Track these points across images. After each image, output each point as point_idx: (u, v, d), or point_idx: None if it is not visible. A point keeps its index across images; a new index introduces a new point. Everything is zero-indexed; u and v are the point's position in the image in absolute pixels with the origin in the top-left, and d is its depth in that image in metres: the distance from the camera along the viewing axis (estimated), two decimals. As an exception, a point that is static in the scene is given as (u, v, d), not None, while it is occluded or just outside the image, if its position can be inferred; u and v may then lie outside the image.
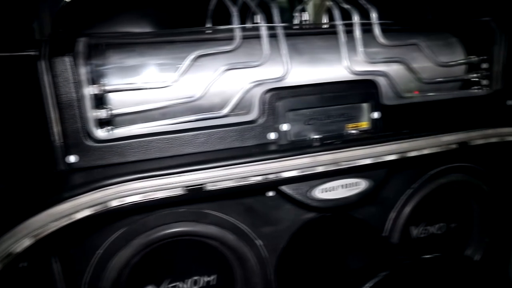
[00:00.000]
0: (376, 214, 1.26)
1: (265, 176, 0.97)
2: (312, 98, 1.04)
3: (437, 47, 1.30)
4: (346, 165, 1.02)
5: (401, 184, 1.27)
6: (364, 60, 1.14)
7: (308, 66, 1.12)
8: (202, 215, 1.08)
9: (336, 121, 1.06)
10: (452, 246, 1.47)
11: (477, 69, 1.30)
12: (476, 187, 1.38)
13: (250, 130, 1.02)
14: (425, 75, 1.24)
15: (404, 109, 1.17)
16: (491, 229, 1.44)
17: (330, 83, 1.07)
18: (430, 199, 1.33)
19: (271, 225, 1.15)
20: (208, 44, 1.07)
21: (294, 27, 1.22)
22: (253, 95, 1.04)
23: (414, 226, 1.39)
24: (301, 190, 1.01)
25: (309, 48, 1.15)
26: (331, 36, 1.16)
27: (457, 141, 1.15)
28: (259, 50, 1.04)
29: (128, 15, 1.33)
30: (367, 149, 1.03)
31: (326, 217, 1.16)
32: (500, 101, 1.28)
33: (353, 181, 1.05)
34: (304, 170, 0.99)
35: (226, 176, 0.94)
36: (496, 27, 1.25)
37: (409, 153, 1.09)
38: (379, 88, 1.12)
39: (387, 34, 1.26)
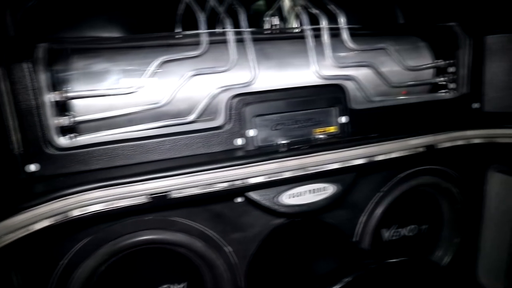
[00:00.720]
0: (346, 218, 1.26)
1: (231, 182, 0.96)
2: (279, 103, 1.04)
3: (406, 51, 1.31)
4: (314, 170, 1.02)
5: (371, 188, 1.27)
6: (332, 65, 1.14)
7: (276, 71, 1.12)
8: (169, 223, 1.06)
9: (303, 126, 1.06)
10: (424, 248, 1.49)
11: (444, 73, 1.32)
12: (445, 189, 1.40)
13: (217, 136, 1.01)
14: (394, 79, 1.25)
15: (373, 113, 1.18)
16: (460, 230, 1.46)
17: (298, 88, 1.07)
18: (400, 202, 1.34)
19: (240, 231, 1.14)
20: (175, 49, 1.05)
21: (263, 32, 1.21)
22: (220, 100, 1.03)
23: (385, 229, 1.39)
24: (268, 196, 1.00)
25: (277, 53, 1.15)
26: (300, 41, 1.16)
27: (425, 144, 1.16)
28: (228, 55, 1.03)
29: (96, 20, 1.31)
30: (335, 153, 1.03)
31: (295, 222, 1.16)
32: (466, 104, 1.30)
33: (320, 186, 1.05)
34: (271, 176, 0.99)
35: (191, 183, 0.93)
36: (461, 32, 1.27)
37: (377, 157, 1.09)
38: (347, 92, 1.12)
39: (357, 38, 1.27)
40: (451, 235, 1.47)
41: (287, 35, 1.21)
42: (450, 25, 1.30)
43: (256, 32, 1.14)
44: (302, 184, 1.03)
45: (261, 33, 1.17)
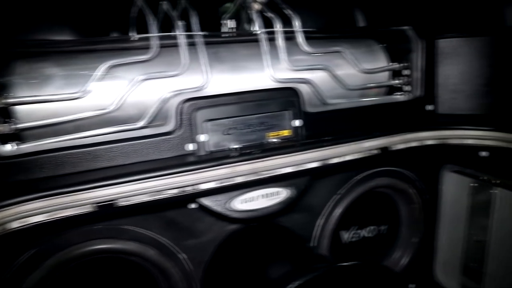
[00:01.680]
0: (303, 222, 1.26)
1: (181, 189, 0.94)
2: (231, 107, 1.03)
3: (362, 54, 1.32)
4: (267, 175, 1.01)
5: (328, 191, 1.28)
6: (287, 68, 1.14)
7: (230, 75, 1.10)
8: (120, 231, 1.03)
9: (256, 130, 1.05)
10: (384, 248, 1.51)
11: (399, 75, 1.33)
12: (402, 190, 1.41)
13: (167, 141, 0.98)
14: (350, 82, 1.25)
15: (329, 116, 1.18)
16: (418, 229, 1.48)
17: (251, 91, 1.06)
18: (358, 203, 1.35)
19: (194, 238, 1.12)
20: (125, 53, 1.03)
21: (216, 35, 1.19)
22: (171, 105, 1.01)
23: (345, 231, 1.40)
24: (220, 202, 0.99)
25: (231, 56, 1.14)
26: (256, 44, 1.15)
27: (379, 146, 1.17)
28: (180, 59, 1.01)
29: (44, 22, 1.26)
30: (288, 157, 1.02)
31: (251, 227, 1.15)
32: (420, 106, 1.32)
33: (274, 191, 1.04)
34: (223, 181, 0.97)
35: (139, 191, 0.90)
36: (414, 35, 1.29)
37: (331, 160, 1.09)
38: (301, 95, 1.11)
39: (313, 41, 1.27)
40: (409, 234, 1.50)
41: (242, 38, 1.20)
42: (404, 29, 1.32)
43: (209, 35, 1.13)
44: (255, 189, 1.02)
45: (215, 36, 1.15)
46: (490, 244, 1.34)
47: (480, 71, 1.30)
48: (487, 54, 1.28)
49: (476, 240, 1.39)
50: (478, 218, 1.38)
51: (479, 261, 1.39)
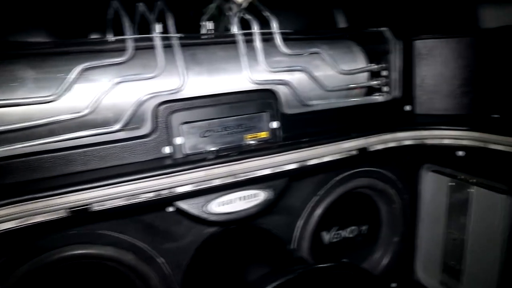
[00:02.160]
0: (283, 223, 1.25)
1: (157, 192, 0.93)
2: (208, 109, 1.02)
3: (341, 55, 1.32)
4: (244, 177, 1.00)
5: (307, 192, 1.28)
6: (265, 70, 1.14)
7: (207, 77, 1.10)
8: (96, 236, 1.01)
9: (234, 132, 1.04)
10: (365, 248, 1.52)
11: (378, 76, 1.34)
12: (381, 190, 1.42)
13: (143, 145, 0.97)
14: (329, 83, 1.26)
15: (307, 117, 1.18)
16: (398, 229, 1.49)
17: (227, 93, 1.05)
18: (339, 204, 1.35)
19: (173, 241, 1.11)
20: (100, 55, 1.01)
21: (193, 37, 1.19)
22: (147, 108, 1.00)
23: (326, 232, 1.41)
24: (197, 205, 0.98)
25: (209, 58, 1.13)
26: (233, 46, 1.14)
27: (357, 147, 1.18)
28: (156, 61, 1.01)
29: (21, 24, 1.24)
30: (266, 159, 1.02)
31: (230, 230, 1.14)
32: (399, 107, 1.33)
33: (251, 193, 1.04)
34: (200, 184, 0.96)
35: (114, 195, 0.89)
36: (391, 37, 1.30)
37: (310, 161, 1.10)
38: (279, 97, 1.11)
39: (292, 43, 1.27)
40: (389, 234, 1.51)
41: (219, 40, 1.20)
42: (381, 30, 1.33)
43: (186, 37, 1.12)
44: (232, 192, 1.02)
45: (192, 38, 1.15)
46: (468, 242, 1.35)
47: (456, 72, 1.32)
48: (463, 55, 1.30)
49: (454, 238, 1.40)
50: (457, 216, 1.39)
51: (458, 258, 1.41)
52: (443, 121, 1.28)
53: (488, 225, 1.27)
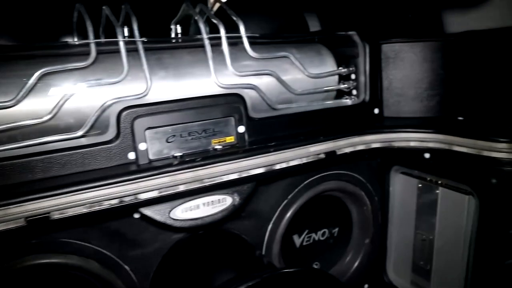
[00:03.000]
0: (253, 228, 1.26)
1: (120, 199, 0.92)
2: (173, 114, 1.02)
3: (310, 59, 1.34)
4: (210, 182, 1.00)
5: (276, 196, 1.28)
6: (232, 74, 1.14)
7: (174, 81, 1.09)
8: (59, 245, 1.00)
9: (199, 137, 1.04)
10: (337, 250, 1.53)
11: (347, 79, 1.36)
12: (351, 193, 1.44)
13: (107, 151, 0.96)
14: (299, 86, 1.27)
15: (276, 121, 1.19)
16: (369, 231, 1.51)
17: (193, 98, 1.05)
18: (309, 207, 1.37)
19: (140, 248, 1.10)
20: (63, 59, 1.00)
21: (161, 41, 1.18)
22: (111, 113, 0.99)
23: (297, 235, 1.42)
24: (162, 211, 0.98)
25: (175, 62, 1.13)
26: (201, 50, 1.14)
27: (325, 150, 1.19)
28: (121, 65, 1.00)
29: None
30: (232, 164, 1.02)
31: (198, 235, 1.14)
32: (368, 110, 1.35)
33: (217, 198, 1.04)
34: (165, 190, 0.96)
35: (75, 203, 0.88)
36: (359, 40, 1.32)
37: (277, 165, 1.10)
38: (246, 101, 1.12)
39: (260, 47, 1.28)
40: (361, 236, 1.53)
41: (186, 44, 1.19)
42: (350, 34, 1.35)
43: (152, 41, 1.11)
44: (198, 197, 1.01)
45: (158, 42, 1.14)
46: (436, 242, 1.38)
47: (422, 75, 1.35)
48: (428, 59, 1.33)
49: (423, 239, 1.43)
50: (425, 217, 1.42)
51: (427, 258, 1.44)
52: (410, 123, 1.30)
53: (455, 226, 1.30)
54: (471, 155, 1.16)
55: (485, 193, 1.16)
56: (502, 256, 1.18)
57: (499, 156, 1.11)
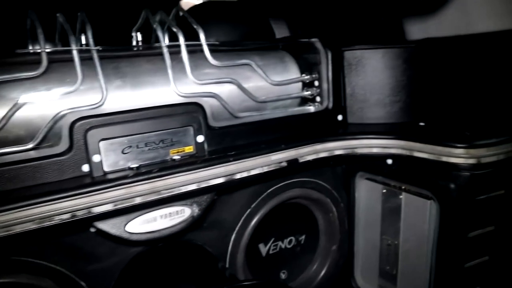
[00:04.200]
0: (216, 238, 1.25)
1: (72, 213, 0.89)
2: (130, 125, 1.00)
3: (273, 66, 1.34)
4: (167, 194, 0.99)
5: (239, 205, 1.28)
6: (193, 82, 1.13)
7: (131, 91, 1.08)
8: (9, 264, 0.96)
9: (157, 148, 1.02)
10: (304, 258, 1.54)
11: (311, 86, 1.37)
12: (317, 200, 1.45)
13: (59, 163, 0.94)
14: (262, 94, 1.27)
15: (238, 130, 1.18)
16: (336, 237, 1.52)
17: (150, 108, 1.03)
18: (274, 215, 1.36)
19: (97, 263, 1.07)
20: (12, 68, 0.97)
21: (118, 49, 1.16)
22: (64, 124, 0.96)
23: (263, 244, 1.41)
24: (118, 225, 0.96)
25: (134, 71, 1.11)
26: (161, 58, 1.13)
27: (287, 158, 1.19)
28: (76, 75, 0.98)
29: None
30: (190, 174, 1.01)
31: (158, 248, 1.12)
32: (331, 117, 1.36)
33: (176, 210, 1.02)
34: (120, 203, 0.94)
35: (23, 219, 0.85)
36: (322, 47, 1.33)
37: (237, 175, 1.09)
38: (205, 110, 1.11)
39: (222, 54, 1.27)
40: (328, 243, 1.54)
41: (145, 52, 1.18)
42: (312, 41, 1.36)
43: (107, 50, 1.10)
44: (155, 209, 1.00)
45: (114, 50, 1.12)
46: (400, 247, 1.40)
47: (384, 82, 1.37)
48: (389, 65, 1.35)
49: (389, 244, 1.45)
50: (390, 222, 1.44)
51: (393, 263, 1.46)
52: (373, 130, 1.32)
53: (418, 230, 1.33)
54: (431, 160, 1.18)
55: (444, 198, 1.18)
56: (462, 260, 1.20)
57: (457, 161, 1.14)
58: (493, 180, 1.18)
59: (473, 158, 1.13)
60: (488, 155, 1.14)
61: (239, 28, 1.70)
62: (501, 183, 1.20)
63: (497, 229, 1.23)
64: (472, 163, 1.13)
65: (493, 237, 1.23)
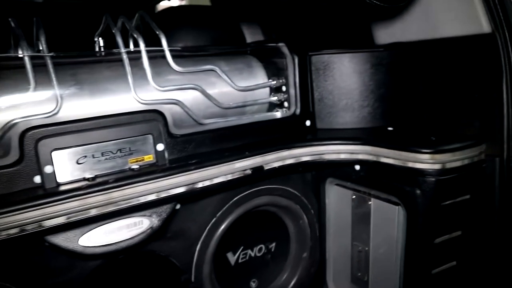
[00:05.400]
0: (180, 249, 1.22)
1: (21, 227, 0.86)
2: (85, 134, 0.98)
3: (239, 71, 1.34)
4: (125, 205, 0.97)
5: (205, 214, 1.26)
6: (155, 89, 1.12)
7: (89, 99, 1.06)
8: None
9: (115, 157, 1.00)
10: (275, 266, 1.53)
11: (279, 92, 1.37)
12: (286, 207, 1.44)
13: (8, 175, 0.91)
14: (228, 100, 1.26)
15: (202, 137, 1.17)
16: (306, 244, 1.52)
17: (106, 116, 1.01)
18: (242, 224, 1.35)
19: (52, 279, 1.04)
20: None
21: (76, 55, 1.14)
22: (13, 134, 0.93)
23: (231, 253, 1.40)
24: (71, 238, 0.93)
25: (93, 78, 1.09)
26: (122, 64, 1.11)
27: (252, 166, 1.18)
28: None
29: None
30: (149, 184, 0.99)
31: (118, 260, 1.09)
32: (299, 122, 1.36)
33: (134, 221, 1.00)
34: (74, 215, 0.91)
35: (-33, 234, 0.82)
36: (288, 52, 1.33)
37: (199, 184, 1.08)
38: (166, 117, 1.09)
39: (186, 60, 1.26)
40: (299, 250, 1.53)
41: (105, 58, 1.16)
42: (278, 46, 1.35)
43: (64, 56, 1.07)
44: (112, 221, 0.98)
45: (71, 57, 1.10)
46: (371, 253, 1.41)
47: (352, 86, 1.37)
48: (357, 70, 1.36)
49: (360, 250, 1.45)
50: (361, 228, 1.44)
51: (364, 269, 1.46)
52: (342, 135, 1.32)
53: (387, 237, 1.33)
54: (397, 166, 1.19)
55: (410, 204, 1.19)
56: (429, 266, 1.21)
57: (423, 167, 1.15)
58: (459, 185, 1.19)
59: (438, 164, 1.14)
60: (453, 160, 1.16)
61: (209, 33, 1.69)
62: (466, 188, 1.21)
63: (464, 234, 1.25)
64: (437, 168, 1.14)
65: (460, 242, 1.25)
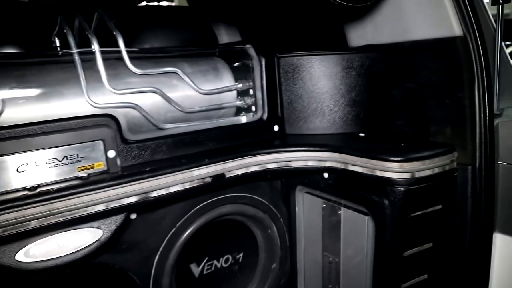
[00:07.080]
0: (136, 261, 1.18)
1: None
2: (26, 140, 0.93)
3: (203, 74, 1.30)
4: (70, 216, 0.92)
5: (163, 224, 1.22)
6: (110, 92, 1.08)
7: (36, 102, 1.02)
8: None
9: (60, 165, 0.96)
10: (243, 277, 1.49)
11: (246, 95, 1.33)
12: (253, 216, 1.41)
13: None
14: (191, 104, 1.22)
15: (159, 143, 1.13)
16: (276, 255, 1.48)
17: (52, 121, 0.96)
18: (205, 233, 1.31)
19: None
20: None
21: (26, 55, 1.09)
22: None
23: (195, 264, 1.36)
24: (8, 253, 0.88)
25: (42, 80, 1.05)
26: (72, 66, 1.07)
27: (212, 174, 1.14)
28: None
29: None
30: (97, 193, 0.95)
31: (65, 275, 1.05)
32: (267, 127, 1.32)
33: (79, 233, 0.96)
34: (10, 229, 0.86)
35: None
36: (255, 54, 1.29)
37: (153, 193, 1.04)
38: (119, 122, 1.05)
39: (147, 62, 1.22)
40: (268, 260, 1.49)
41: (56, 59, 1.12)
42: (246, 47, 1.32)
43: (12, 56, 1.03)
44: (55, 233, 0.93)
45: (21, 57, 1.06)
46: (341, 265, 1.37)
47: (322, 90, 1.34)
48: (328, 73, 1.33)
49: (330, 261, 1.42)
50: (331, 239, 1.41)
51: (335, 281, 1.42)
52: (309, 141, 1.28)
53: (357, 248, 1.30)
54: (365, 174, 1.15)
55: (379, 214, 1.15)
56: (399, 280, 1.18)
57: (391, 176, 1.11)
58: (429, 195, 1.16)
59: (407, 172, 1.11)
60: (423, 168, 1.12)
61: (177, 34, 1.65)
62: (437, 198, 1.18)
63: (435, 246, 1.21)
64: (406, 177, 1.11)
65: (431, 254, 1.22)
